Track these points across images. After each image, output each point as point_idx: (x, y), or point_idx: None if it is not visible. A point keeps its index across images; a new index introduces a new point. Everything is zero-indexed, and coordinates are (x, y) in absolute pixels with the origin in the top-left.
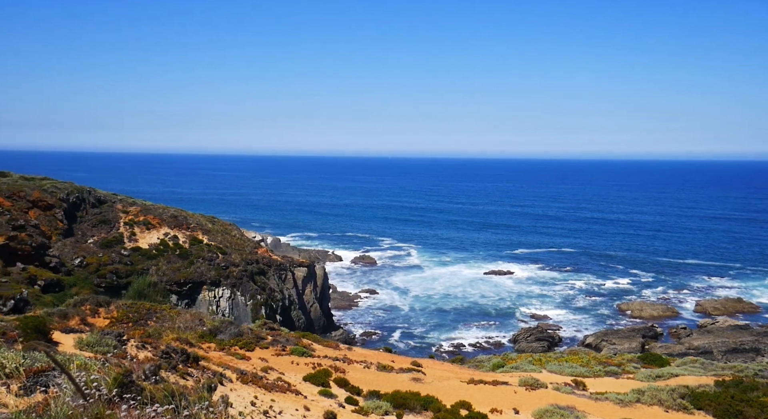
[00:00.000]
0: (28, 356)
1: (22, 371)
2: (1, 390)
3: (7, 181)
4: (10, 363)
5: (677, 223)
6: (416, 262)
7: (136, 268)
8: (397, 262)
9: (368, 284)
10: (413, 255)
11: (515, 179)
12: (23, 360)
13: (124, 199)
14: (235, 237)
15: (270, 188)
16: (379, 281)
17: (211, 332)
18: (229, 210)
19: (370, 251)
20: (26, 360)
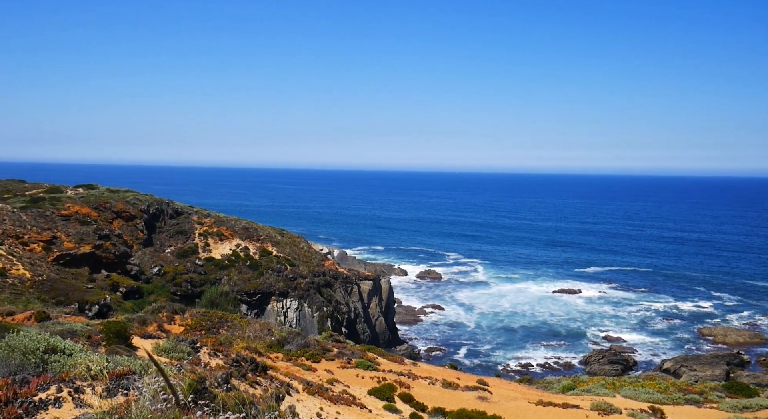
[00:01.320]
0: (111, 359)
1: (106, 374)
2: (87, 391)
3: (94, 193)
4: (95, 366)
5: (766, 244)
6: (482, 278)
7: (209, 278)
8: (462, 278)
9: (433, 299)
10: (479, 271)
11: (585, 195)
12: (107, 364)
13: (199, 211)
14: (303, 249)
15: (336, 202)
16: (444, 296)
17: (278, 342)
18: (296, 223)
19: (436, 266)
20: (109, 364)
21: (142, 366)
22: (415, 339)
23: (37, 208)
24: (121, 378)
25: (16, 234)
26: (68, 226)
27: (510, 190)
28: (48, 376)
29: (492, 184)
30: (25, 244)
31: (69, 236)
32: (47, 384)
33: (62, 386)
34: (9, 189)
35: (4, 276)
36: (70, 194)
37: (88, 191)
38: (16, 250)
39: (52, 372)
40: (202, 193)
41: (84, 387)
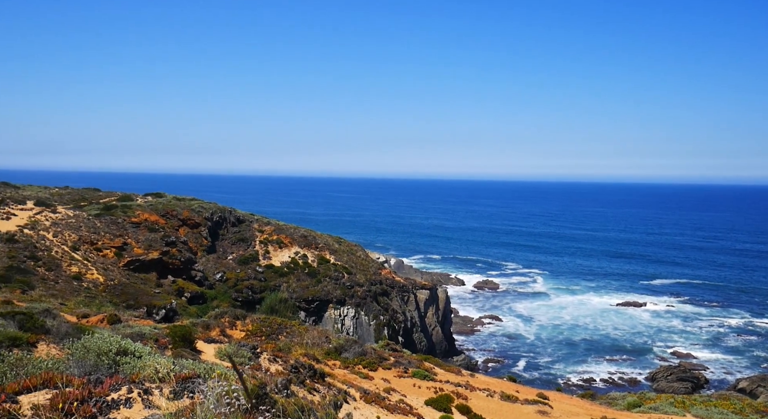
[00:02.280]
0: (177, 363)
1: (173, 376)
2: (155, 392)
3: (162, 201)
4: (163, 369)
5: None
6: (542, 289)
7: (269, 285)
8: (521, 288)
9: (491, 310)
10: (539, 282)
11: (650, 205)
12: (173, 366)
13: (259, 219)
14: (360, 257)
15: (392, 210)
16: (502, 307)
17: (336, 350)
18: (352, 232)
19: (493, 276)
20: (176, 367)
21: (206, 369)
22: (472, 349)
23: (110, 215)
24: (186, 381)
25: (91, 240)
26: (138, 233)
27: (568, 199)
28: (119, 377)
29: (549, 193)
30: (98, 250)
31: (138, 242)
32: (119, 384)
33: (132, 387)
34: (85, 197)
35: (79, 279)
36: (140, 202)
37: (157, 199)
38: (90, 255)
39: (123, 373)
40: (261, 201)
41: (152, 388)
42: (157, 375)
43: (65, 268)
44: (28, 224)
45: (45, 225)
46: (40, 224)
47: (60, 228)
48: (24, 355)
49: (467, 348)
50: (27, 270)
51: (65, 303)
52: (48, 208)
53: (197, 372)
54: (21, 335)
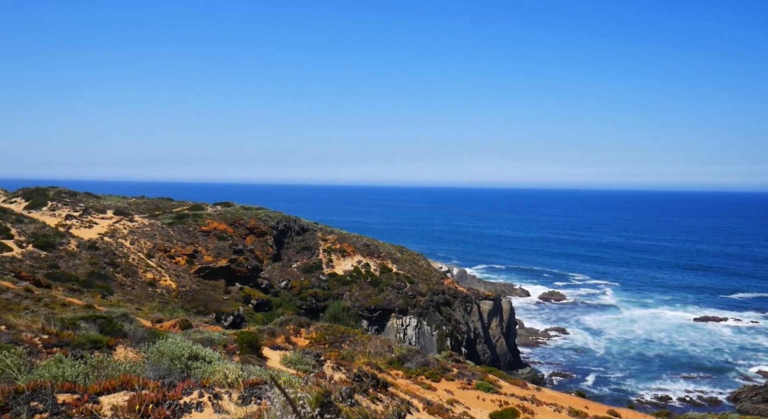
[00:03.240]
0: (245, 369)
1: (241, 382)
2: (225, 397)
3: (230, 210)
4: (232, 374)
5: None
6: (611, 302)
7: (332, 293)
8: (589, 301)
9: (558, 322)
10: (608, 294)
11: (730, 214)
12: (241, 372)
13: (323, 228)
14: (422, 267)
15: (453, 219)
16: (569, 319)
17: (398, 359)
18: (413, 241)
19: (560, 288)
20: (243, 373)
21: (273, 376)
22: (538, 363)
23: (182, 224)
24: (254, 388)
25: (164, 248)
26: (208, 241)
27: (636, 208)
28: (191, 381)
29: (615, 202)
30: (171, 257)
31: (208, 250)
32: (190, 388)
33: (203, 391)
34: (159, 206)
35: (154, 286)
36: (210, 211)
37: (225, 208)
38: (164, 263)
39: (195, 377)
40: (323, 209)
41: (222, 393)
42: (226, 380)
43: (141, 275)
44: (108, 232)
45: (123, 233)
46: (119, 232)
47: (136, 236)
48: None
49: (533, 361)
50: (107, 276)
51: (141, 308)
52: (126, 217)
53: (264, 379)
54: (101, 338)
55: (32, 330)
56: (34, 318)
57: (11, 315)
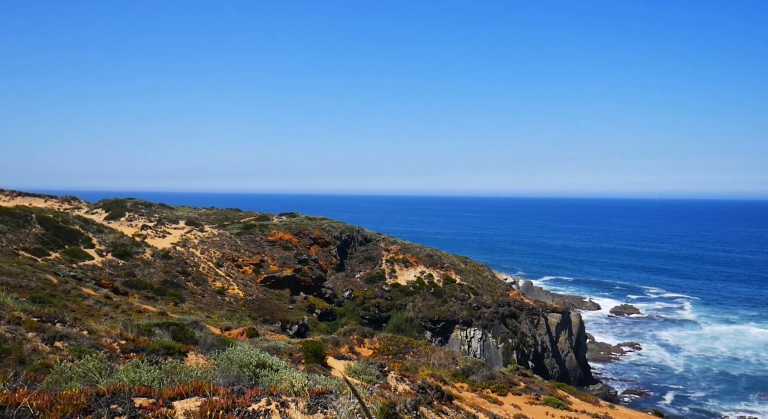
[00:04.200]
0: (310, 377)
1: (307, 391)
2: (291, 406)
3: (295, 221)
4: (298, 383)
5: None
6: (690, 317)
7: (395, 303)
8: (666, 315)
9: (631, 337)
10: (686, 308)
11: None
12: (307, 381)
13: (386, 238)
14: (486, 278)
15: (518, 230)
16: (644, 334)
17: (463, 372)
18: (477, 251)
19: (633, 301)
20: (309, 382)
21: (337, 385)
22: (610, 379)
23: (249, 234)
24: (320, 397)
25: (232, 258)
26: (273, 251)
27: (713, 219)
28: (259, 389)
29: (695, 212)
30: (239, 266)
31: (274, 260)
32: (258, 396)
33: (271, 399)
34: (228, 217)
35: (222, 294)
36: (276, 222)
37: (290, 219)
38: (232, 272)
39: (262, 385)
40: (385, 220)
41: (289, 402)
42: (293, 388)
43: (210, 283)
44: (180, 242)
45: (194, 243)
46: (190, 242)
47: (206, 246)
48: (177, 363)
49: (604, 377)
50: (179, 285)
51: (210, 315)
52: (197, 227)
53: (329, 388)
54: (174, 344)
55: (111, 335)
56: (113, 324)
57: (92, 321)
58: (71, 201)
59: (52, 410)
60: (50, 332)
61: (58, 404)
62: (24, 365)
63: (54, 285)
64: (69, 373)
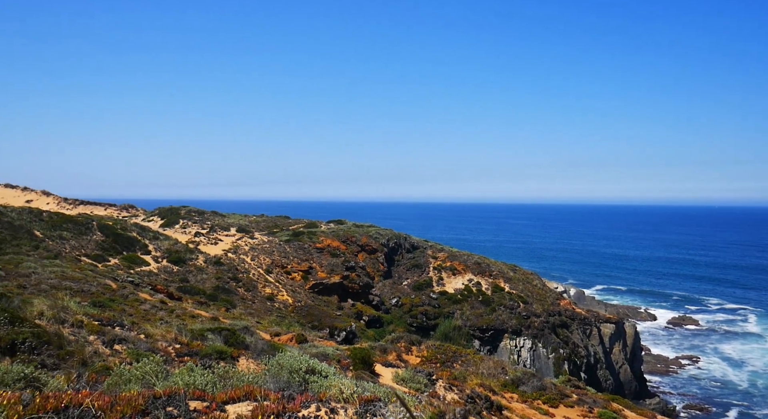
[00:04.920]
0: (359, 384)
1: (356, 398)
2: (341, 412)
3: (343, 228)
4: (347, 390)
5: None
6: (755, 330)
7: (443, 311)
8: (728, 327)
9: (690, 349)
10: (750, 321)
11: None
12: (356, 388)
13: (433, 246)
14: (536, 286)
15: (568, 237)
16: (704, 347)
17: (513, 382)
18: (525, 259)
19: (692, 312)
20: (358, 389)
21: (386, 393)
22: (668, 393)
23: (297, 241)
24: (368, 404)
25: (281, 264)
26: (321, 258)
27: None
28: (309, 395)
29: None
30: (288, 273)
31: (322, 267)
32: (308, 402)
33: (320, 405)
34: (277, 224)
35: (272, 300)
36: (324, 229)
37: (338, 226)
38: (281, 278)
39: (312, 391)
40: (432, 227)
41: (338, 408)
42: (342, 395)
43: (260, 289)
44: (231, 249)
45: (244, 249)
46: (241, 249)
47: (256, 252)
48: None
49: (662, 391)
50: (230, 290)
51: (260, 321)
52: (247, 235)
53: (378, 396)
54: (226, 349)
55: (166, 339)
56: (168, 329)
57: (149, 325)
58: (129, 209)
59: (112, 411)
60: (110, 335)
61: (118, 405)
62: (86, 366)
63: (113, 290)
64: (128, 376)
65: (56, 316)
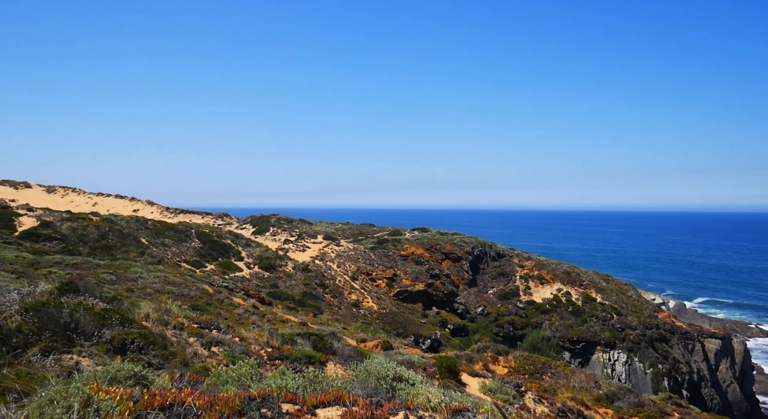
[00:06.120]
0: (446, 394)
1: (444, 407)
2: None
3: (427, 235)
4: (434, 398)
5: None
6: None
7: (530, 321)
8: None
9: None
10: None
11: None
12: (443, 397)
13: (519, 254)
14: (631, 297)
15: (667, 246)
16: None
17: (607, 397)
18: (617, 269)
19: None
20: (446, 398)
21: (474, 403)
22: None
23: (382, 248)
24: (456, 414)
25: (366, 271)
26: (406, 265)
27: None
28: (396, 402)
29: None
30: (373, 280)
31: (406, 274)
32: (396, 409)
33: (408, 413)
34: (362, 232)
35: (357, 307)
36: (408, 236)
37: (422, 234)
38: (366, 285)
39: (399, 398)
40: (516, 235)
41: (426, 417)
42: (429, 404)
43: (346, 296)
44: (318, 256)
45: (331, 256)
46: (327, 256)
47: (342, 259)
48: (319, 373)
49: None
50: (317, 296)
51: (347, 327)
52: (333, 242)
53: (466, 406)
54: (315, 354)
55: (259, 343)
56: (260, 333)
57: (242, 329)
58: (224, 217)
59: (211, 410)
60: (208, 338)
61: (217, 405)
62: (187, 367)
63: (210, 294)
64: (225, 377)
65: (160, 319)
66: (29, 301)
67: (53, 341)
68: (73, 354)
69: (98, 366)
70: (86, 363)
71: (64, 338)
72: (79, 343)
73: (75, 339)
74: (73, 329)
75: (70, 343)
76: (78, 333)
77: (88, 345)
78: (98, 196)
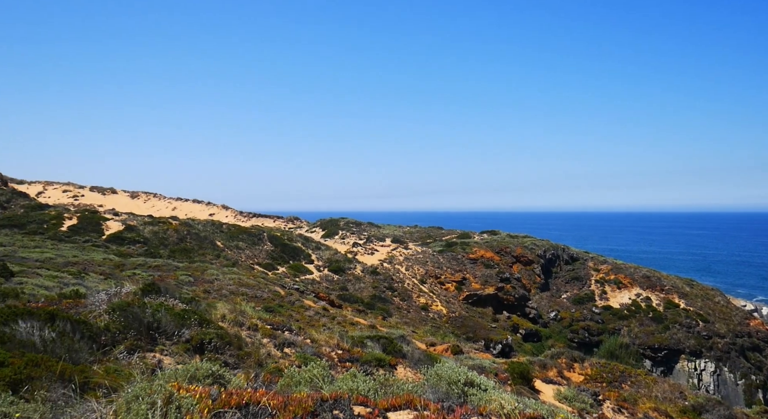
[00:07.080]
0: (519, 400)
1: (518, 413)
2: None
3: (496, 238)
4: (508, 405)
5: None
6: None
7: (607, 327)
8: None
9: None
10: None
11: None
12: (517, 404)
13: (595, 257)
14: (718, 304)
15: (750, 249)
16: None
17: (694, 408)
18: (704, 273)
19: None
20: (519, 405)
21: (549, 411)
22: None
23: (451, 251)
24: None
25: (435, 275)
26: (475, 269)
27: None
28: (468, 407)
29: None
30: (441, 283)
31: (476, 278)
32: (468, 415)
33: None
34: (430, 235)
35: (426, 310)
36: (477, 239)
37: (492, 237)
38: (435, 288)
39: (471, 404)
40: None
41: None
42: (503, 410)
43: (415, 299)
44: (387, 259)
45: (399, 259)
46: (396, 259)
47: (411, 262)
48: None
49: None
50: (386, 299)
51: (416, 330)
52: (401, 245)
53: (541, 413)
54: (384, 357)
55: (329, 345)
56: (331, 335)
57: (313, 331)
58: (294, 220)
59: (285, 410)
60: (280, 339)
61: (290, 405)
62: (261, 367)
63: (281, 296)
64: (297, 378)
65: (236, 320)
66: (116, 301)
67: (137, 339)
68: (155, 353)
69: (178, 364)
70: (168, 361)
71: (147, 337)
72: (161, 342)
73: (157, 338)
74: (156, 328)
75: (152, 342)
76: (160, 333)
77: (168, 344)
78: (177, 201)
